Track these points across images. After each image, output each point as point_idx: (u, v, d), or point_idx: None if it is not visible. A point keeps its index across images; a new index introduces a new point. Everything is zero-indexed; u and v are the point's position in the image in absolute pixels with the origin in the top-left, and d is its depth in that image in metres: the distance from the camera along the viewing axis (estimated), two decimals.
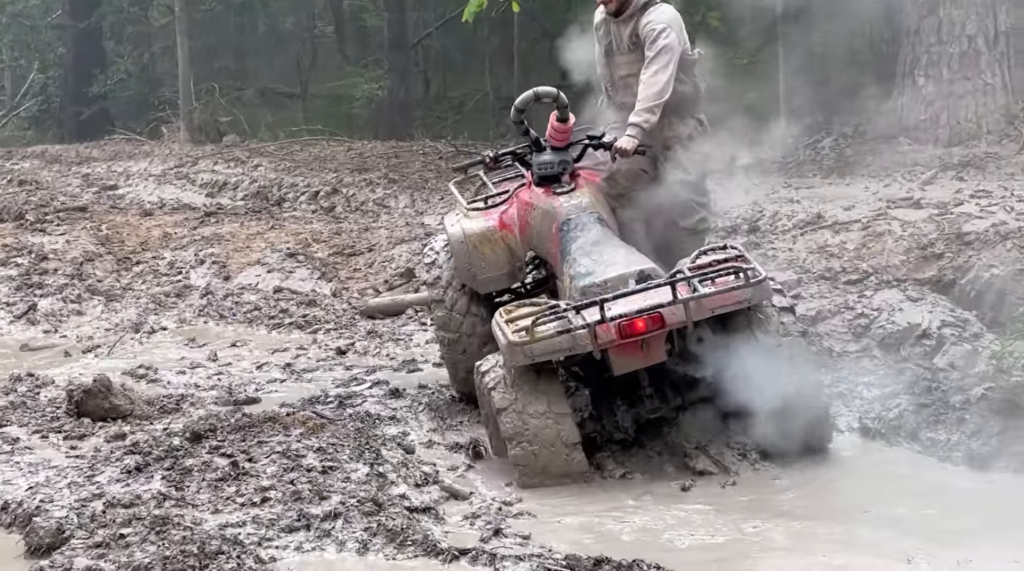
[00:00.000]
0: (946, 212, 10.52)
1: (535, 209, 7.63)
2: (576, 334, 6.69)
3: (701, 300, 6.70)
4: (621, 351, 6.80)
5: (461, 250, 7.85)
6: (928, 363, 7.86)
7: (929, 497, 6.45)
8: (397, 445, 7.26)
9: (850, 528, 6.03)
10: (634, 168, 7.73)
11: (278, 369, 9.49)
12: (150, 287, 12.43)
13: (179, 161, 19.22)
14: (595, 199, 7.57)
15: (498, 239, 7.81)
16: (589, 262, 7.16)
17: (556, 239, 7.42)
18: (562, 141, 7.63)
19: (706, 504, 6.50)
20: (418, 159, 17.93)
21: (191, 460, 6.69)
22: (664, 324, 6.71)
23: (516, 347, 6.73)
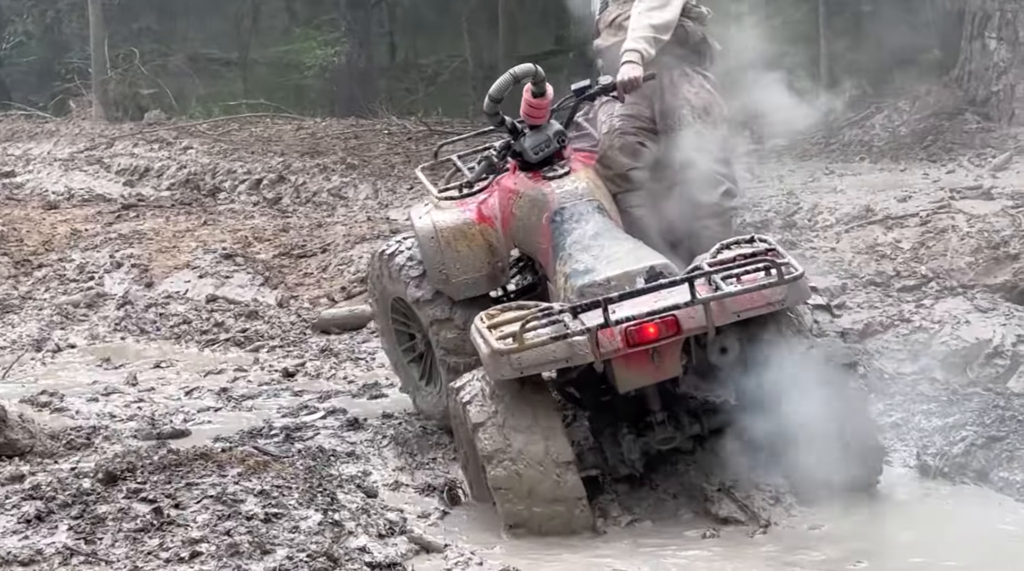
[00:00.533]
0: (1023, 203, 10.57)
1: (521, 197, 7.58)
2: (574, 342, 6.59)
3: (724, 301, 6.62)
4: (628, 363, 6.74)
5: (431, 247, 7.78)
6: (1001, 387, 7.89)
7: (1001, 549, 6.46)
8: (356, 487, 7.25)
9: None
10: (630, 142, 7.79)
11: (212, 395, 9.48)
12: (55, 296, 12.42)
13: (91, 142, 19.21)
14: (593, 184, 7.52)
15: (476, 234, 7.75)
16: (588, 258, 7.10)
17: (547, 232, 7.37)
18: (541, 118, 7.57)
19: (730, 558, 6.50)
20: (382, 140, 17.96)
21: (105, 507, 6.67)
22: (680, 330, 6.63)
23: (501, 357, 6.62)
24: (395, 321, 8.55)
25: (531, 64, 7.55)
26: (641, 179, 7.78)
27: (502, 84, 7.48)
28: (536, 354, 6.62)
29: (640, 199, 7.77)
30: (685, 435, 7.14)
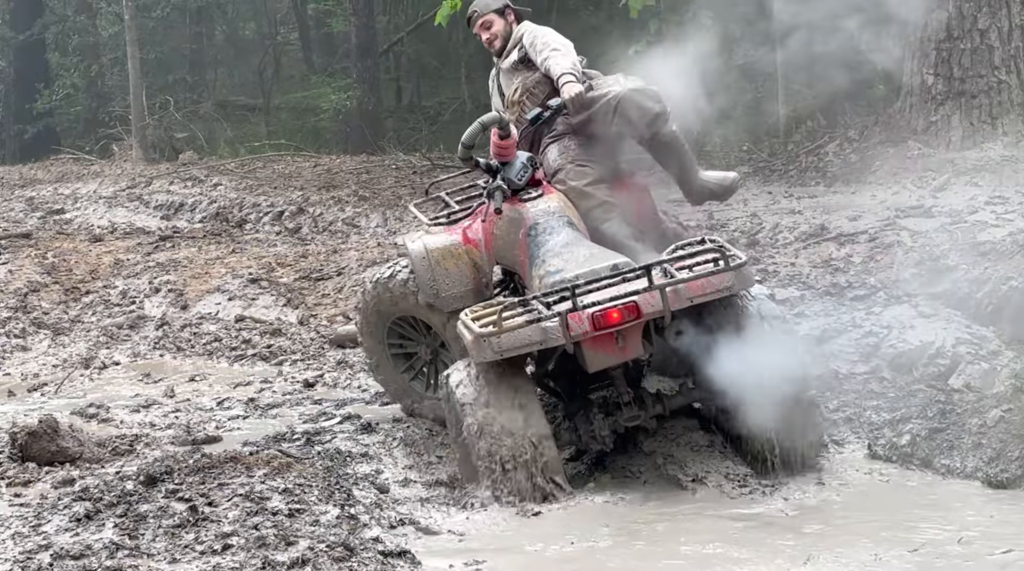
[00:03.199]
0: (960, 221, 10.57)
1: (501, 218, 7.71)
2: (547, 326, 6.80)
3: (678, 287, 6.82)
4: (595, 345, 6.90)
5: (423, 266, 7.95)
6: (942, 384, 7.87)
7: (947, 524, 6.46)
8: (370, 484, 7.26)
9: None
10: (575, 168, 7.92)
11: (240, 405, 9.48)
12: (101, 319, 12.41)
13: (131, 182, 19.20)
14: (563, 203, 7.71)
15: (462, 253, 7.92)
16: (559, 261, 7.28)
17: (524, 245, 7.53)
18: (510, 155, 7.77)
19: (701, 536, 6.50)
20: (390, 174, 17.95)
21: (146, 506, 6.67)
22: (640, 314, 6.82)
23: (483, 340, 6.81)
24: (391, 346, 8.67)
25: (495, 113, 7.80)
26: (598, 193, 7.91)
27: (472, 132, 7.64)
28: (514, 337, 6.82)
29: (604, 212, 7.86)
30: (649, 414, 7.31)
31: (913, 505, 6.78)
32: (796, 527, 6.58)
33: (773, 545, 6.33)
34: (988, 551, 6.04)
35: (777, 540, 6.40)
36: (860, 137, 14.61)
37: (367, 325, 8.69)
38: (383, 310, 8.51)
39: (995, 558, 5.95)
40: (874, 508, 6.77)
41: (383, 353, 8.72)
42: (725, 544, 6.36)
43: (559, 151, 8.02)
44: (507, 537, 6.73)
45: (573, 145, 8.02)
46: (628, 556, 6.39)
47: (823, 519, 6.68)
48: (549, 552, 6.52)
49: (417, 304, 8.27)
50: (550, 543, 6.59)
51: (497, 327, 6.80)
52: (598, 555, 6.42)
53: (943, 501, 6.84)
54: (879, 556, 6.04)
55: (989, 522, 6.47)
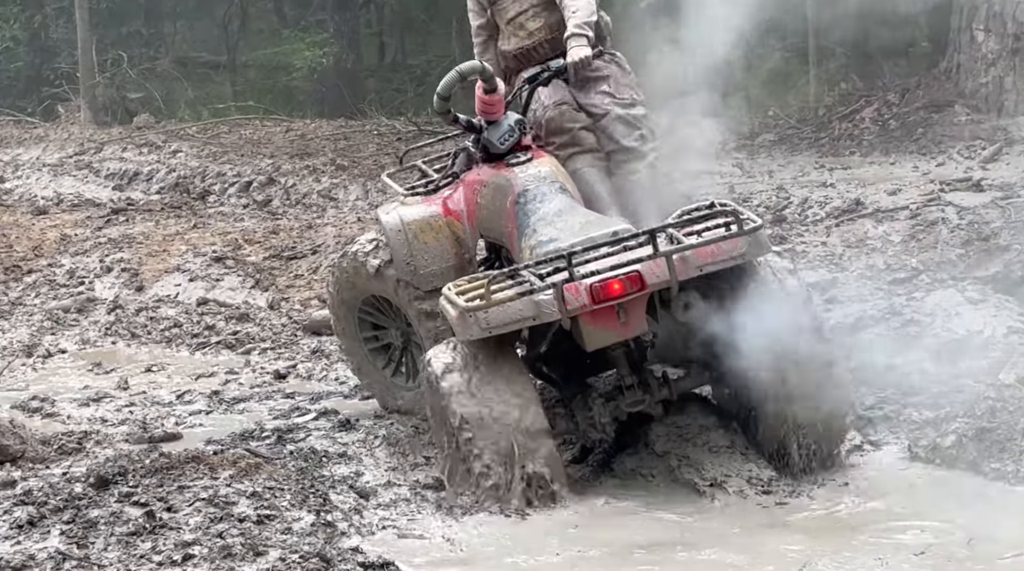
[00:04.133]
0: (1013, 195, 10.60)
1: (486, 186, 7.72)
2: (540, 300, 6.76)
3: (687, 255, 6.78)
4: (594, 320, 6.84)
5: (399, 240, 7.97)
6: (992, 379, 7.89)
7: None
8: (349, 488, 7.27)
9: None
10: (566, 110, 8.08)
11: (203, 398, 9.50)
12: (45, 301, 12.41)
13: (80, 147, 19.19)
14: (555, 168, 7.68)
15: (443, 226, 7.94)
16: (552, 230, 7.24)
17: (512, 214, 7.49)
18: (497, 113, 7.72)
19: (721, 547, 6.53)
20: (372, 141, 17.95)
21: (97, 511, 6.69)
22: (644, 285, 6.78)
23: (468, 315, 6.77)
24: (362, 322, 8.73)
25: (477, 62, 7.77)
26: (587, 140, 8.04)
27: (449, 82, 7.60)
28: (503, 311, 6.78)
29: (591, 160, 8.01)
30: (654, 399, 7.27)
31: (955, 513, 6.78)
32: (810, 532, 6.59)
33: (778, 552, 6.35)
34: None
35: (783, 547, 6.42)
36: (900, 101, 14.64)
37: (339, 294, 8.72)
38: (356, 285, 8.54)
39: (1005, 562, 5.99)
40: (909, 516, 6.77)
41: (360, 352, 8.77)
42: (727, 552, 6.39)
43: (554, 91, 8.09)
44: (499, 545, 6.73)
45: (568, 92, 8.11)
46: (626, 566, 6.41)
47: (844, 526, 6.69)
48: (544, 562, 6.53)
49: (372, 276, 8.32)
50: (545, 553, 6.61)
51: (485, 300, 6.76)
52: (596, 566, 6.43)
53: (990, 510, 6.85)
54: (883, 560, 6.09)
55: None
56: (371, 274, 8.35)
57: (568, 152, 7.96)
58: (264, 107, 21.83)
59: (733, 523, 6.77)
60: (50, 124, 22.14)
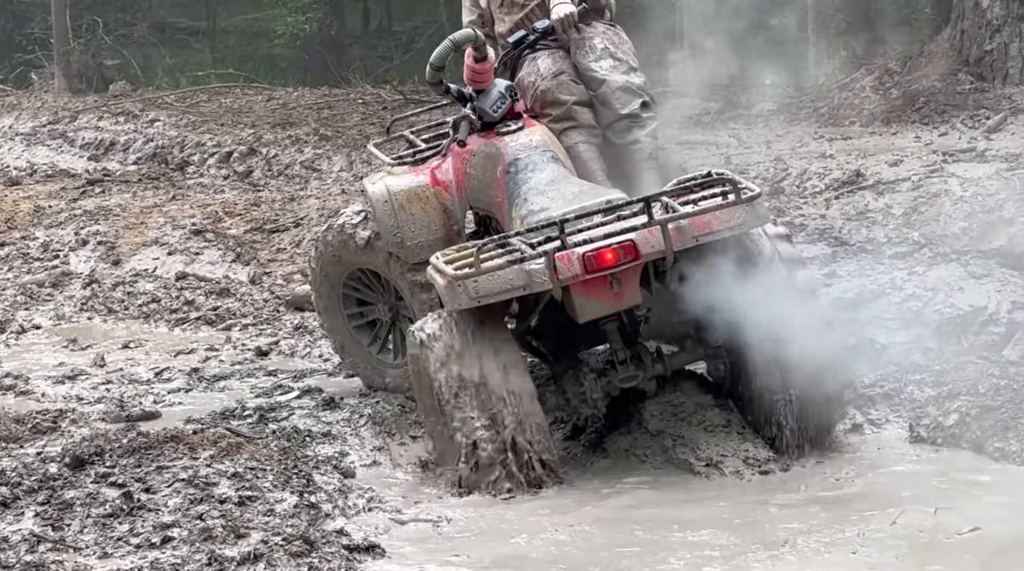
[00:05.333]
0: (1018, 166, 10.60)
1: (475, 155, 7.72)
2: (530, 269, 6.75)
3: (682, 224, 6.77)
4: (587, 290, 6.85)
5: (385, 211, 7.99)
6: (996, 355, 7.90)
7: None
8: (333, 468, 7.28)
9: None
10: (564, 81, 8.03)
11: (182, 376, 9.50)
12: (19, 275, 12.39)
13: (53, 116, 19.16)
14: (547, 137, 7.70)
15: (431, 197, 7.97)
16: (544, 200, 7.25)
17: (502, 184, 7.50)
18: (486, 81, 7.73)
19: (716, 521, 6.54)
20: (356, 110, 17.94)
21: (72, 492, 6.69)
22: (638, 255, 6.78)
23: (457, 283, 6.77)
24: (347, 298, 8.77)
25: (470, 30, 7.75)
26: (584, 114, 8.00)
27: (443, 51, 7.61)
28: (493, 280, 6.77)
29: (587, 134, 7.98)
30: (648, 375, 7.29)
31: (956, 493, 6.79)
32: (805, 512, 6.59)
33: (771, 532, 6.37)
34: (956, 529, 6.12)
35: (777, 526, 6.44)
36: (902, 69, 14.64)
37: (323, 266, 8.72)
38: (342, 258, 8.55)
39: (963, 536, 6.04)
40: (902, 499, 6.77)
41: (344, 329, 8.77)
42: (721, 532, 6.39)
43: (552, 62, 8.07)
44: (488, 526, 6.74)
45: (566, 60, 8.10)
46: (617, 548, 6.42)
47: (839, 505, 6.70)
48: (533, 544, 6.53)
49: (361, 249, 8.34)
50: (535, 534, 6.62)
51: (474, 269, 6.76)
52: (586, 548, 6.44)
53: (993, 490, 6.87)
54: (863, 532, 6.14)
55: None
56: (360, 246, 8.37)
57: (562, 126, 7.94)
58: (245, 75, 21.83)
59: (728, 502, 6.79)
60: (23, 91, 22.12)
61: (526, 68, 8.08)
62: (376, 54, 23.39)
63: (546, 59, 8.06)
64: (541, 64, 8.06)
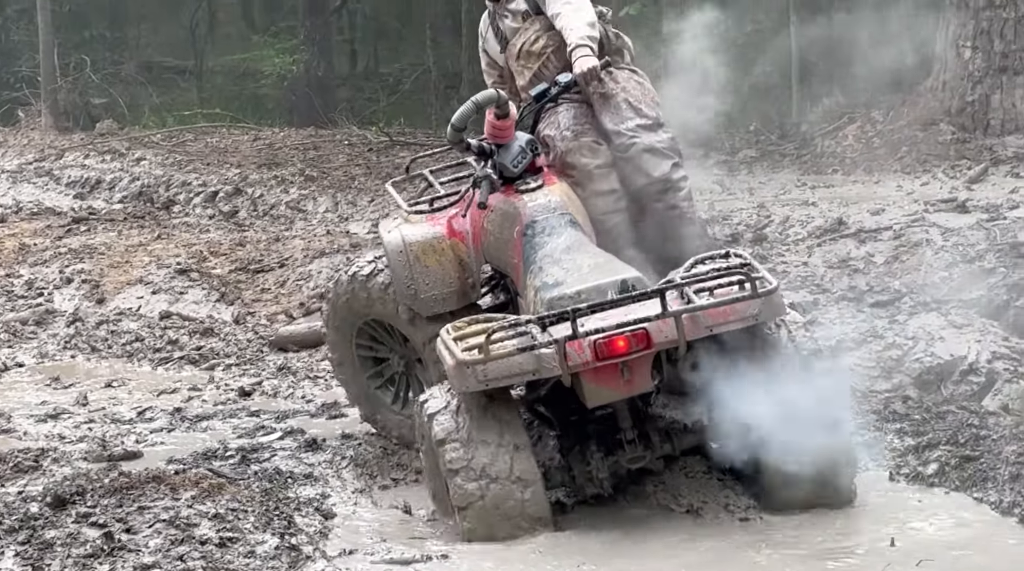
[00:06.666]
0: (998, 217, 10.64)
1: (493, 211, 7.55)
2: (541, 354, 6.62)
3: (696, 314, 6.67)
4: (597, 377, 6.75)
5: (400, 262, 7.81)
6: (976, 405, 7.92)
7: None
8: (315, 510, 7.26)
9: None
10: (586, 142, 7.83)
11: (165, 415, 9.46)
12: (2, 313, 12.38)
13: (40, 153, 19.17)
14: (567, 197, 7.52)
15: (446, 249, 7.79)
16: (559, 271, 7.09)
17: (519, 246, 7.35)
18: (507, 137, 7.58)
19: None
20: (343, 151, 17.96)
21: (53, 532, 6.67)
22: (651, 344, 6.66)
23: (466, 368, 6.64)
24: (360, 347, 8.58)
25: (493, 91, 7.62)
26: (606, 180, 7.80)
27: (465, 113, 7.43)
28: (502, 366, 6.65)
29: (610, 203, 7.78)
30: (656, 455, 7.16)
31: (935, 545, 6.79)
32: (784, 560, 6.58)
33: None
34: None
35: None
36: (885, 118, 14.70)
37: (335, 316, 8.56)
38: (355, 309, 8.40)
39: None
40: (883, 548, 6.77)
41: (349, 351, 8.61)
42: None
43: (574, 119, 7.88)
44: (472, 560, 6.74)
45: (589, 119, 7.91)
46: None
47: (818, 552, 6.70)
48: None
49: (396, 312, 8.13)
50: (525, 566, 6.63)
51: (484, 353, 6.65)
52: None
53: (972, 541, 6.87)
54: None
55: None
56: (373, 298, 8.21)
57: (583, 193, 7.70)
58: (231, 115, 21.84)
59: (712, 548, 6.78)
60: (9, 129, 22.12)
61: (546, 122, 7.90)
62: (363, 96, 23.46)
63: (567, 114, 7.87)
64: (562, 120, 7.86)
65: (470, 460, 6.81)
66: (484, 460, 6.81)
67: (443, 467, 6.89)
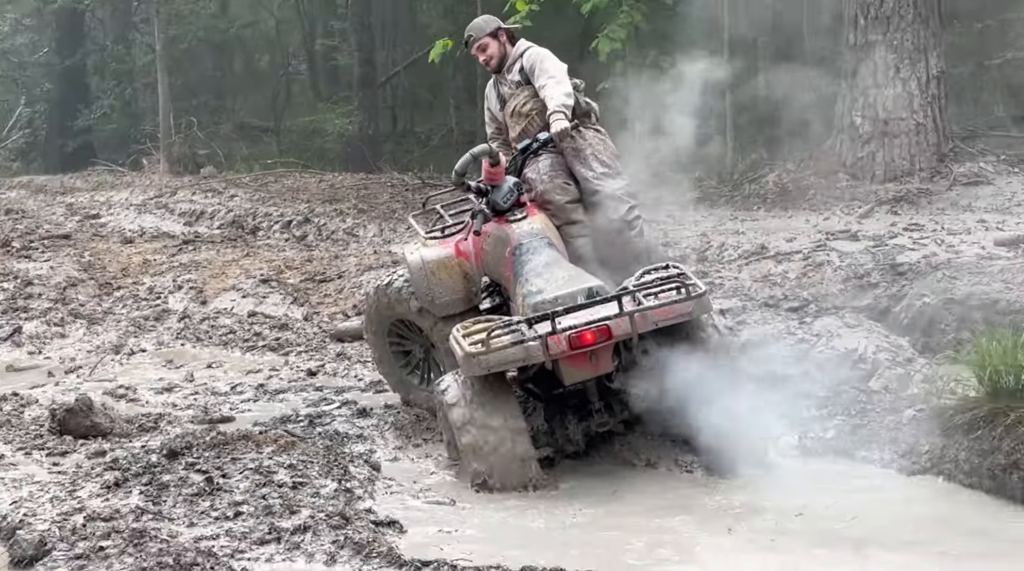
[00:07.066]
0: (881, 244, 10.63)
1: (489, 236, 7.69)
2: (529, 345, 6.74)
3: (646, 313, 6.79)
4: (571, 362, 6.86)
5: (420, 275, 7.94)
6: (864, 386, 7.92)
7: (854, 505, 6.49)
8: (364, 462, 7.26)
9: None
10: (559, 183, 7.90)
11: (251, 389, 9.47)
12: (130, 311, 12.38)
13: (158, 191, 19.16)
14: (545, 225, 7.66)
15: (455, 265, 7.89)
16: (540, 281, 7.23)
17: (509, 263, 7.48)
18: (499, 179, 7.72)
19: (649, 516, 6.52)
20: (386, 190, 17.95)
21: (168, 476, 6.67)
22: (611, 336, 6.78)
23: (472, 358, 6.76)
24: (391, 344, 8.65)
25: (486, 145, 7.76)
26: (575, 212, 7.89)
27: (465, 162, 7.63)
28: (500, 356, 6.76)
29: (579, 230, 7.88)
30: (617, 420, 7.26)
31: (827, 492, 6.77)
32: (725, 507, 6.59)
33: (703, 521, 6.37)
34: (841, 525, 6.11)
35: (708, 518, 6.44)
36: (796, 168, 14.69)
37: (371, 323, 8.67)
38: (382, 312, 8.51)
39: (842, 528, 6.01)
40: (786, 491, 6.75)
41: (385, 349, 8.70)
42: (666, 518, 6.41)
43: (550, 167, 7.95)
44: (483, 508, 6.73)
45: (563, 166, 7.98)
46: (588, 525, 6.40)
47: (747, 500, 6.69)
48: (519, 522, 6.53)
49: (409, 309, 8.27)
50: (520, 515, 6.61)
51: (486, 346, 6.76)
52: (560, 525, 6.44)
53: (858, 488, 6.86)
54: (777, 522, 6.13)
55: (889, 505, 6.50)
56: (400, 302, 8.32)
57: (559, 221, 7.82)
58: (302, 163, 21.85)
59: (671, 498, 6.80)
60: (136, 173, 22.14)
61: (530, 168, 7.98)
62: (402, 149, 23.43)
63: (546, 163, 7.95)
64: (541, 167, 7.95)
65: (472, 417, 6.90)
66: (483, 417, 6.90)
67: (453, 425, 6.95)
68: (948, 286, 9.06)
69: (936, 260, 9.62)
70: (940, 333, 8.81)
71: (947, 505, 6.49)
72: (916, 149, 13.78)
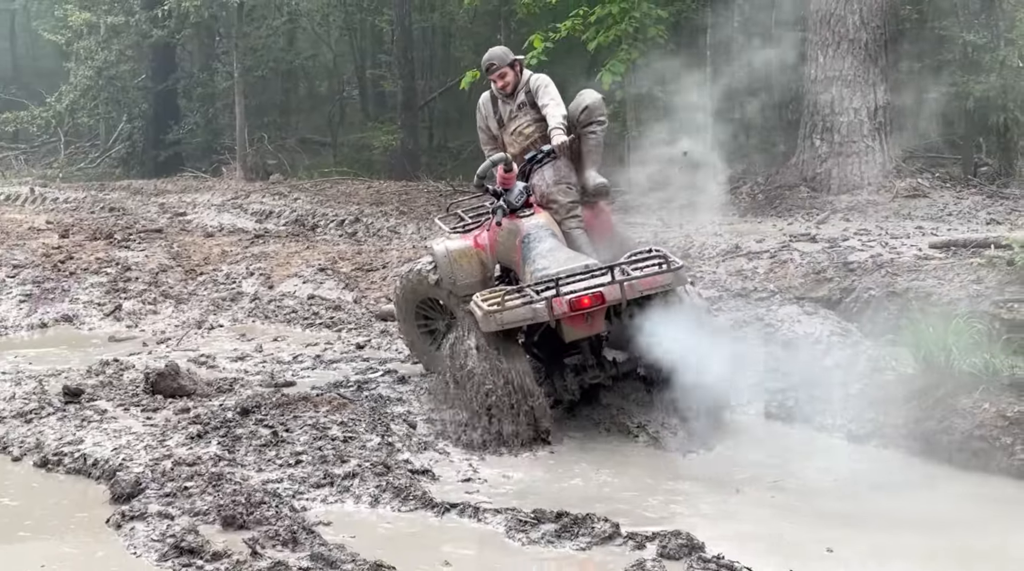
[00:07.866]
0: (835, 245, 10.59)
1: (503, 229, 7.74)
2: (536, 306, 6.82)
3: (633, 282, 6.84)
4: (571, 322, 6.90)
5: (444, 262, 7.98)
6: (819, 363, 7.90)
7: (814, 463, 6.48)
8: (403, 421, 7.28)
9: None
10: (562, 186, 7.96)
11: (310, 359, 9.49)
12: (210, 293, 12.42)
13: (235, 194, 19.17)
14: (548, 221, 7.73)
15: (473, 254, 7.93)
16: (545, 261, 7.28)
17: (519, 250, 7.54)
18: (511, 183, 7.78)
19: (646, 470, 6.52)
20: (423, 195, 17.94)
21: (240, 430, 6.70)
22: (604, 301, 6.83)
23: (489, 315, 6.82)
24: (419, 328, 8.68)
25: (503, 154, 7.81)
26: (574, 210, 7.97)
27: (485, 167, 7.70)
28: (512, 313, 6.84)
29: (576, 222, 7.95)
30: (607, 374, 7.29)
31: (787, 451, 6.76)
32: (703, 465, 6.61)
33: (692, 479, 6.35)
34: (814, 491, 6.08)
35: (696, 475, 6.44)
36: (766, 182, 14.66)
37: (401, 305, 8.67)
38: (412, 294, 8.51)
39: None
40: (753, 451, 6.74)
41: (415, 332, 8.73)
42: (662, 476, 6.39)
43: (554, 171, 8.00)
44: (503, 461, 6.75)
45: (564, 170, 8.02)
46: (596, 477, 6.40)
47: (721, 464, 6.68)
48: (534, 472, 6.55)
49: (430, 285, 8.32)
50: (535, 467, 6.62)
51: (501, 306, 6.79)
52: (566, 463, 6.44)
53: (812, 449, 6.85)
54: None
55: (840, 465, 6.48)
56: (431, 284, 8.35)
57: (560, 217, 7.90)
58: (354, 172, 21.84)
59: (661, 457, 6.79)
60: (216, 179, 22.15)
61: (536, 176, 8.03)
62: (437, 161, 23.40)
63: (549, 170, 8.01)
64: (546, 173, 8.01)
65: (487, 368, 6.92)
66: (502, 376, 6.91)
67: (475, 380, 6.95)
68: (890, 281, 9.03)
69: (881, 259, 9.58)
70: (883, 320, 8.77)
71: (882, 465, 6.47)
72: (865, 167, 13.72)
